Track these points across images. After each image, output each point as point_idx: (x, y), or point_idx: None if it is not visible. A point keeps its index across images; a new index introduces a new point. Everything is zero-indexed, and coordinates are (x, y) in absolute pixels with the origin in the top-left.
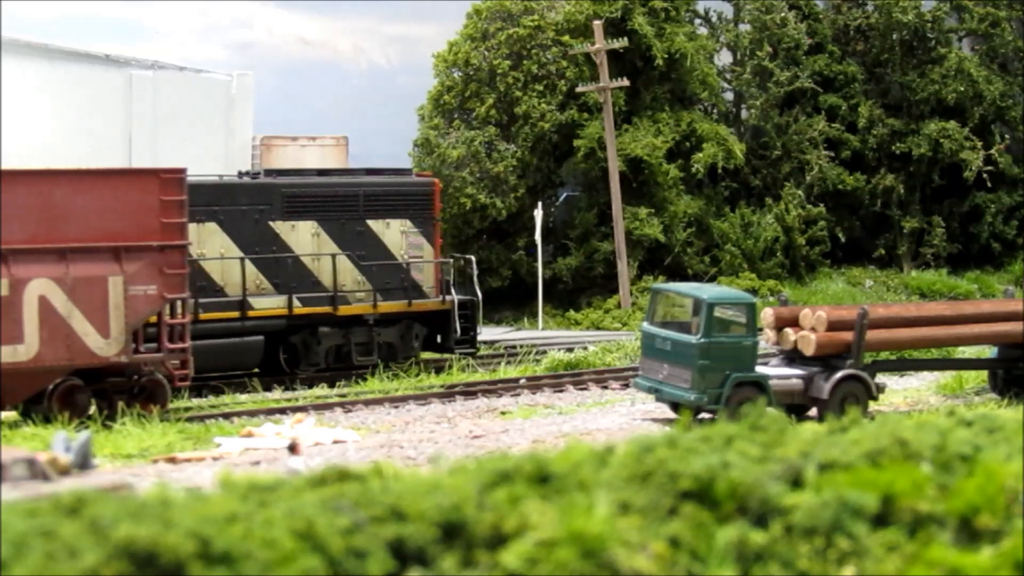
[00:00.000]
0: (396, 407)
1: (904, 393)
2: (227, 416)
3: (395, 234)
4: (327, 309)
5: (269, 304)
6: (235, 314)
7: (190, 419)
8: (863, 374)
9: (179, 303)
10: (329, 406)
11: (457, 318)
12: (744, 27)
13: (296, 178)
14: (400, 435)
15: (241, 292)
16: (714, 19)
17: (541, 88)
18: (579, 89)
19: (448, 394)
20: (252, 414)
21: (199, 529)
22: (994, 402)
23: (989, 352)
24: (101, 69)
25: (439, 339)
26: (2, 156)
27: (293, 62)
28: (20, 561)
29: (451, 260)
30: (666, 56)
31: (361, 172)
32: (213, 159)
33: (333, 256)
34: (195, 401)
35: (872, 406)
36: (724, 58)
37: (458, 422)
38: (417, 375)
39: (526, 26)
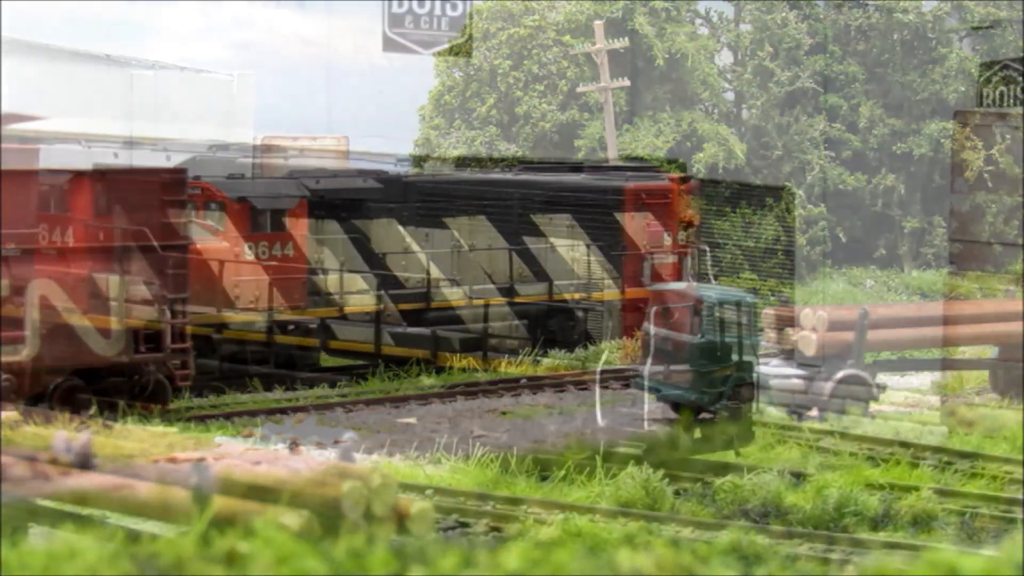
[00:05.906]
0: (397, 407)
1: (905, 393)
2: (228, 416)
3: (638, 227)
4: (582, 295)
5: (531, 291)
6: (502, 300)
7: (191, 419)
8: (864, 374)
9: (179, 303)
10: (330, 406)
11: None
12: (745, 27)
13: (552, 175)
14: (401, 435)
15: (508, 280)
16: (715, 19)
17: (542, 88)
18: (580, 89)
19: (449, 394)
20: (253, 414)
21: (200, 529)
22: (994, 402)
23: (990, 352)
24: (101, 69)
25: None
26: (2, 156)
27: (293, 62)
28: (20, 561)
29: (688, 251)
30: (667, 56)
31: (608, 169)
32: None
33: (587, 247)
34: (196, 401)
35: (873, 406)
36: (725, 58)
37: (459, 422)
38: (418, 375)
39: (527, 26)
